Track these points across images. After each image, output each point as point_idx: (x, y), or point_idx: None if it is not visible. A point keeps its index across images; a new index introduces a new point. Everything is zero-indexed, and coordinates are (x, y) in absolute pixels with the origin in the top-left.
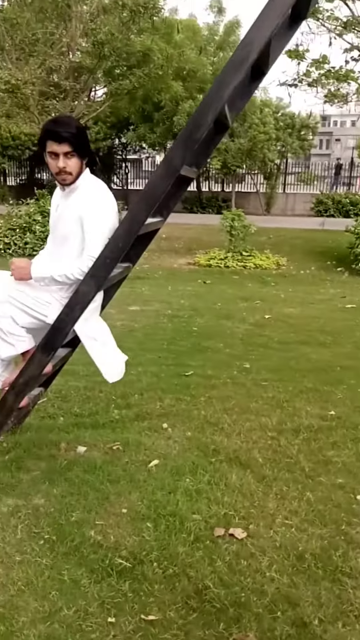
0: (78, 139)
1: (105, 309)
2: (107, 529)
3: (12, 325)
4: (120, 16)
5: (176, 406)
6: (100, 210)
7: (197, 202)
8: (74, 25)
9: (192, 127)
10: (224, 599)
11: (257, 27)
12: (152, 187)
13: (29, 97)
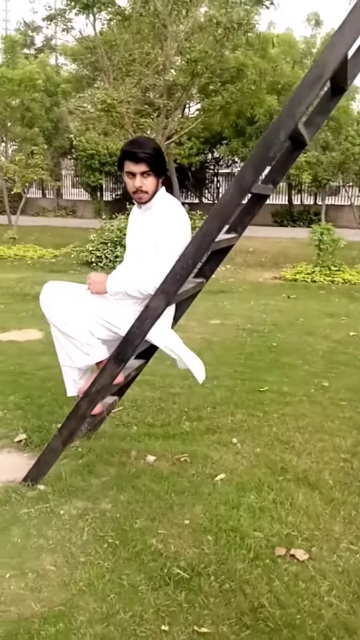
0: (154, 159)
1: (186, 322)
2: (168, 539)
3: (89, 336)
4: (215, 34)
5: (247, 421)
6: (173, 227)
7: (288, 216)
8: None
9: (264, 146)
10: (278, 619)
11: (331, 47)
12: (223, 205)
13: (124, 115)
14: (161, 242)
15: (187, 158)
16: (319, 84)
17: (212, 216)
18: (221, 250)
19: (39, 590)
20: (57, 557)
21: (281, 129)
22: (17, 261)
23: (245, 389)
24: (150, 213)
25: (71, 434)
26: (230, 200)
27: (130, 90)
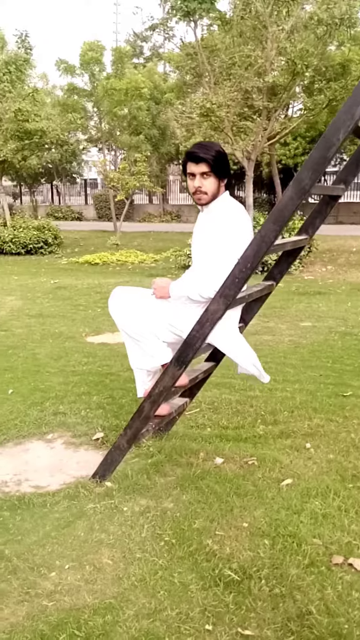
0: (215, 161)
1: (275, 325)
2: (224, 540)
3: (154, 339)
4: (316, 32)
5: (325, 427)
6: (231, 230)
7: None
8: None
9: (323, 147)
10: (324, 628)
11: None
12: (282, 208)
13: (224, 119)
14: (220, 245)
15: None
16: None
17: (270, 219)
18: (291, 252)
19: (94, 582)
20: (115, 551)
21: (340, 129)
22: (119, 266)
23: (328, 394)
24: (211, 217)
25: (135, 433)
26: (288, 202)
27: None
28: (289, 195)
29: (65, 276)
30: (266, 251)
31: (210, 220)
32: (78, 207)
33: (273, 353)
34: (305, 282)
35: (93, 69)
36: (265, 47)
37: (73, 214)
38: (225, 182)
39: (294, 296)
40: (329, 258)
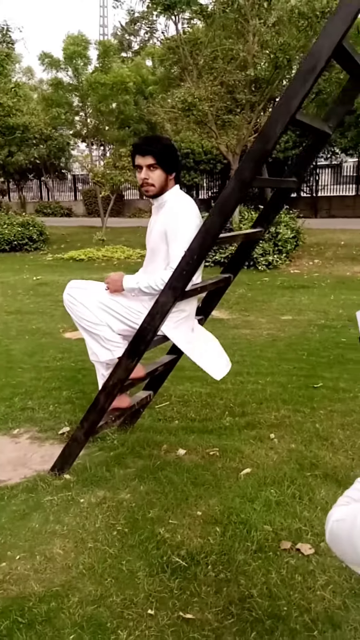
0: (161, 153)
1: (256, 318)
2: (177, 529)
3: (109, 332)
4: (297, 25)
5: (291, 417)
6: (181, 224)
7: None
8: (250, 39)
9: (262, 140)
10: (264, 610)
11: (324, 37)
12: (225, 200)
13: (207, 113)
14: (170, 238)
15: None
16: (313, 74)
17: (213, 211)
18: (247, 245)
19: (43, 571)
20: (68, 542)
21: (278, 122)
22: (105, 262)
23: (299, 385)
24: (162, 210)
25: (92, 426)
26: (231, 194)
27: (213, 87)
28: (231, 188)
29: (49, 272)
30: (212, 243)
31: (161, 215)
32: (67, 203)
33: (250, 346)
34: (291, 275)
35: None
36: (247, 41)
37: (62, 210)
38: (174, 175)
39: (278, 290)
40: (316, 252)
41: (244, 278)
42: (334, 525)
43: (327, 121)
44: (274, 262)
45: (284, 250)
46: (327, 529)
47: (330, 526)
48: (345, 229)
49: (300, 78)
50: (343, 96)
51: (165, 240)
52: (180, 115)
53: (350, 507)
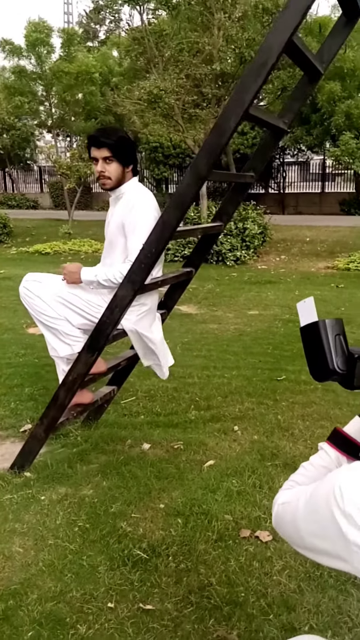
0: (117, 146)
1: (224, 313)
2: (139, 522)
3: (68, 326)
4: (261, 20)
5: (255, 410)
6: (139, 216)
7: (356, 204)
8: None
9: (216, 134)
10: (222, 597)
11: (275, 32)
12: (181, 194)
13: (173, 106)
14: (128, 231)
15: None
16: (264, 70)
17: (171, 205)
18: (208, 239)
19: (1, 570)
20: (27, 540)
21: (231, 117)
22: (72, 256)
23: (263, 378)
24: (120, 203)
25: (52, 422)
26: (187, 188)
27: (179, 80)
28: (187, 182)
29: (13, 266)
30: (169, 236)
31: (119, 207)
32: (33, 195)
33: (217, 341)
34: (258, 271)
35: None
36: (212, 35)
37: (28, 202)
38: (131, 168)
39: (246, 285)
40: (283, 248)
41: (212, 273)
42: (279, 509)
43: (282, 117)
44: (242, 258)
45: (251, 246)
46: (273, 513)
47: (276, 510)
48: (311, 226)
49: (252, 73)
50: (297, 92)
51: (123, 232)
52: (146, 107)
53: (294, 491)
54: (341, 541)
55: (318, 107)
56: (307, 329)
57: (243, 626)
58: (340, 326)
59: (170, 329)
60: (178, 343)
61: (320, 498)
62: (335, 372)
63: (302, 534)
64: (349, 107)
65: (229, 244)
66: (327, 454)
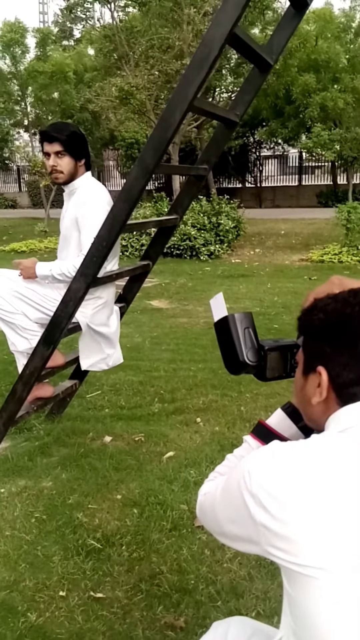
0: (69, 140)
1: (194, 307)
2: (95, 513)
3: (25, 320)
4: None
5: (218, 402)
6: (91, 210)
7: (333, 196)
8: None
9: (162, 128)
10: (172, 585)
11: (215, 25)
12: (129, 187)
13: (145, 102)
14: (81, 225)
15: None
16: (207, 62)
17: (119, 198)
18: (164, 232)
19: None
20: None
21: (176, 110)
22: (47, 254)
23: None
24: (73, 197)
25: (11, 416)
26: (134, 182)
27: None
28: (134, 176)
29: None
30: (120, 230)
31: (73, 202)
32: (12, 195)
33: (186, 335)
34: (232, 265)
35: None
36: (182, 30)
37: (6, 201)
38: (83, 162)
39: (218, 279)
40: (258, 241)
41: (186, 268)
42: (201, 499)
43: (234, 109)
44: (216, 252)
45: (225, 240)
46: (197, 504)
47: (199, 500)
48: (287, 219)
49: (195, 66)
50: (248, 84)
51: (77, 227)
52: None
53: (215, 481)
54: (250, 523)
55: (292, 99)
56: (219, 323)
57: (191, 613)
58: (250, 320)
59: (139, 323)
60: (147, 337)
61: (233, 484)
62: (246, 364)
63: (219, 521)
64: (323, 99)
65: (203, 238)
66: (250, 446)
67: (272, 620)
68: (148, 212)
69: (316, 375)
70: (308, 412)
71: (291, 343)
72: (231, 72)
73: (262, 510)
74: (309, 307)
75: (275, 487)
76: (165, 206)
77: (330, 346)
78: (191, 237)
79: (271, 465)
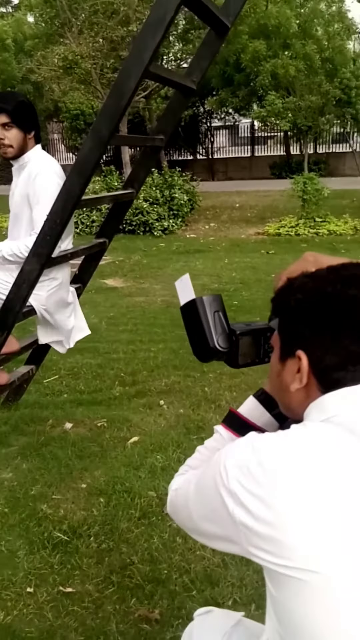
0: (16, 111)
1: (150, 285)
2: (60, 503)
3: None
4: None
5: (181, 383)
6: (43, 186)
7: (286, 167)
8: None
9: (116, 95)
10: (145, 575)
11: None
12: (83, 160)
13: (91, 71)
14: (32, 201)
15: None
16: (163, 25)
17: (73, 172)
18: (119, 207)
19: None
20: None
21: (131, 76)
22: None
23: (190, 351)
24: (23, 173)
25: None
26: (89, 154)
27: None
28: (89, 147)
29: None
30: (74, 205)
31: (22, 176)
32: None
33: (144, 314)
34: (187, 240)
35: None
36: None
37: None
38: (33, 134)
39: (174, 256)
40: (212, 215)
41: (139, 244)
42: (173, 495)
43: (190, 76)
44: (170, 227)
45: (179, 215)
46: (168, 500)
47: (170, 496)
48: (241, 191)
49: (150, 29)
50: (205, 49)
51: (28, 203)
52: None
53: (187, 475)
54: (229, 522)
55: (242, 67)
56: (185, 307)
57: (165, 604)
58: (219, 302)
59: (95, 303)
60: (103, 318)
61: (208, 480)
62: (217, 350)
63: (194, 519)
64: (274, 67)
65: (156, 213)
66: (222, 436)
67: (249, 607)
68: (97, 186)
69: (295, 361)
70: (285, 399)
71: (264, 326)
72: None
73: (241, 509)
74: (284, 287)
75: (256, 484)
76: (115, 180)
77: (310, 328)
78: (144, 212)
79: (250, 460)
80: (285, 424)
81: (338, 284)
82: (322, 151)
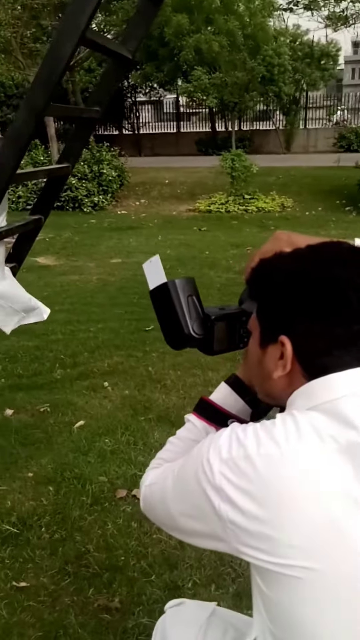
0: None
1: (84, 263)
2: (6, 494)
3: None
4: None
5: (124, 363)
6: None
7: (212, 143)
8: None
9: (50, 62)
10: (101, 563)
11: None
12: (16, 131)
13: (10, 40)
14: None
15: None
16: None
17: (6, 144)
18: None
19: None
20: None
21: (66, 42)
22: None
23: (131, 330)
24: None
25: None
26: (23, 125)
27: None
28: (23, 119)
29: None
30: (8, 180)
31: None
32: None
33: (80, 293)
34: (118, 217)
35: None
36: None
37: None
38: None
39: (106, 232)
40: (142, 191)
41: (69, 221)
42: (146, 491)
43: (125, 45)
44: (100, 204)
45: (109, 191)
46: (140, 496)
47: (144, 492)
48: (169, 167)
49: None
50: (139, 17)
51: None
52: None
53: (161, 469)
54: (215, 519)
55: (166, 41)
56: (156, 292)
57: (125, 591)
58: (192, 286)
59: (27, 282)
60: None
61: (189, 474)
62: (192, 337)
63: (173, 516)
64: (197, 42)
65: (85, 189)
66: (195, 426)
67: (209, 588)
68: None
69: (277, 346)
70: (266, 387)
71: (238, 310)
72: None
73: (230, 506)
74: (260, 268)
75: (245, 480)
76: (41, 154)
77: (294, 312)
78: (73, 187)
79: (236, 454)
80: (259, 409)
81: (320, 262)
82: (247, 128)
